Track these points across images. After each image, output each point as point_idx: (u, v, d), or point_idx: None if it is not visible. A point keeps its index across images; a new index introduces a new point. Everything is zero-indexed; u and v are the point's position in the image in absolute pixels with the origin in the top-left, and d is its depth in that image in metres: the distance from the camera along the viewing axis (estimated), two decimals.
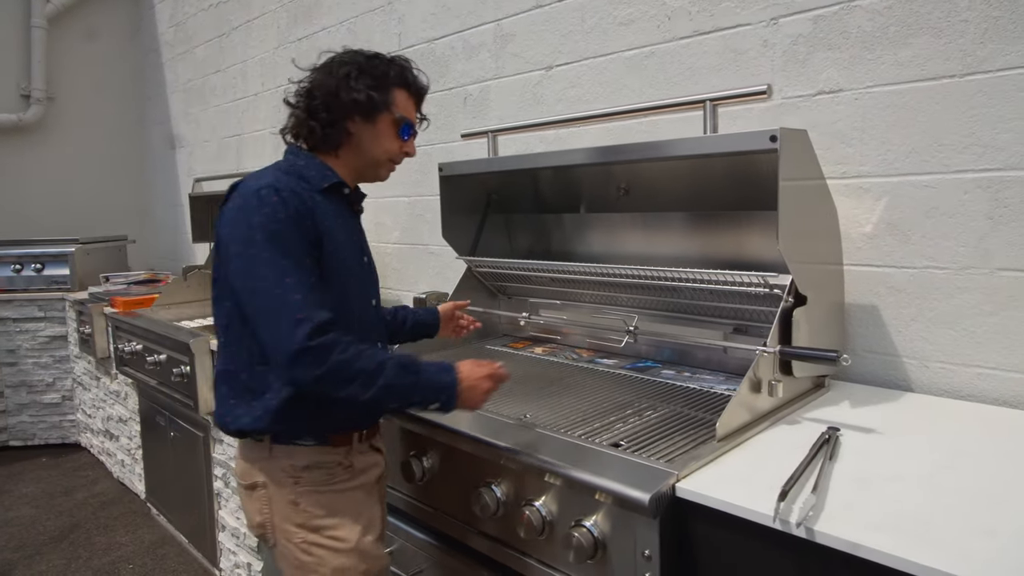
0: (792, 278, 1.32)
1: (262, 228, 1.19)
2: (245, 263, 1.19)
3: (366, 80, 1.30)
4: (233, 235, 1.22)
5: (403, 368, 1.19)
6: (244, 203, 1.22)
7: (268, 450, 1.30)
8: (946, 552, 0.81)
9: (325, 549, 1.29)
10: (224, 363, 1.33)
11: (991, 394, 1.38)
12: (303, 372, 1.14)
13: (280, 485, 1.30)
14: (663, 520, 1.03)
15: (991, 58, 1.33)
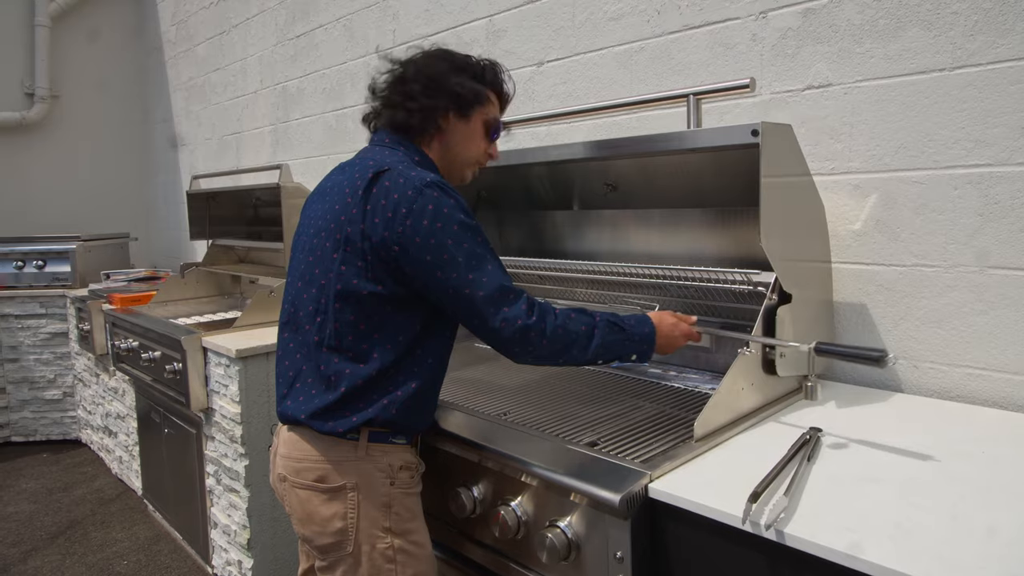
0: (776, 276, 1.30)
1: (457, 218, 1.15)
2: (451, 251, 1.14)
3: (465, 75, 1.28)
4: (416, 226, 1.13)
5: (611, 325, 1.22)
6: (425, 194, 1.15)
7: (364, 449, 1.21)
8: (913, 556, 0.79)
9: (408, 555, 1.23)
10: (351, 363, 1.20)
11: (981, 395, 1.35)
12: (533, 347, 1.15)
13: (375, 486, 1.22)
14: (635, 521, 1.01)
15: (981, 51, 1.30)
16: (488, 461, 1.23)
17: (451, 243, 1.14)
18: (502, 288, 1.15)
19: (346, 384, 1.19)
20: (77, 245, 4.07)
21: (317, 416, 1.21)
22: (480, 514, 1.26)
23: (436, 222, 1.14)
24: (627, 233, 1.81)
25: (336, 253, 1.19)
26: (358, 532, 1.21)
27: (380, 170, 1.18)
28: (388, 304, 1.18)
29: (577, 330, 1.18)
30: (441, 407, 1.43)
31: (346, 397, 1.19)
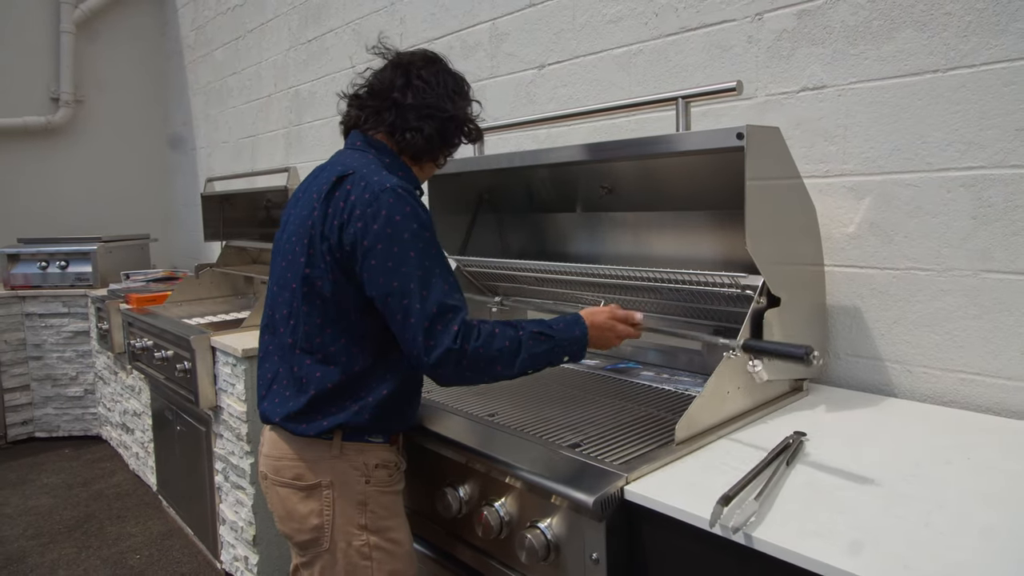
0: (763, 279, 1.29)
1: (409, 227, 1.15)
2: (396, 260, 1.14)
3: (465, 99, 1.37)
4: (367, 230, 1.15)
5: (537, 336, 1.20)
6: (382, 199, 1.16)
7: (339, 448, 1.23)
8: (878, 562, 0.78)
9: (384, 552, 1.26)
10: (320, 366, 1.22)
11: (975, 400, 1.33)
12: (455, 365, 1.14)
13: (349, 485, 1.24)
14: (611, 523, 1.02)
15: (975, 52, 1.28)
16: (473, 462, 1.24)
17: (397, 251, 1.14)
18: (440, 307, 1.13)
19: (315, 387, 1.21)
20: (98, 246, 4.17)
21: (290, 419, 1.23)
22: (466, 514, 1.27)
23: (387, 228, 1.14)
24: (624, 235, 1.81)
25: (303, 256, 1.21)
26: (334, 529, 1.23)
27: (344, 174, 1.20)
28: (351, 306, 1.20)
29: (500, 347, 1.16)
30: (430, 408, 1.45)
31: (315, 400, 1.21)
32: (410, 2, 2.67)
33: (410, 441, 1.41)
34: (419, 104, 1.27)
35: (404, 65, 1.31)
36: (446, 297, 1.14)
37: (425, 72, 1.30)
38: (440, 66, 1.36)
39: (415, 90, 1.28)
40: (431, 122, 1.28)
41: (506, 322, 1.21)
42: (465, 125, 1.35)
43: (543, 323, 1.24)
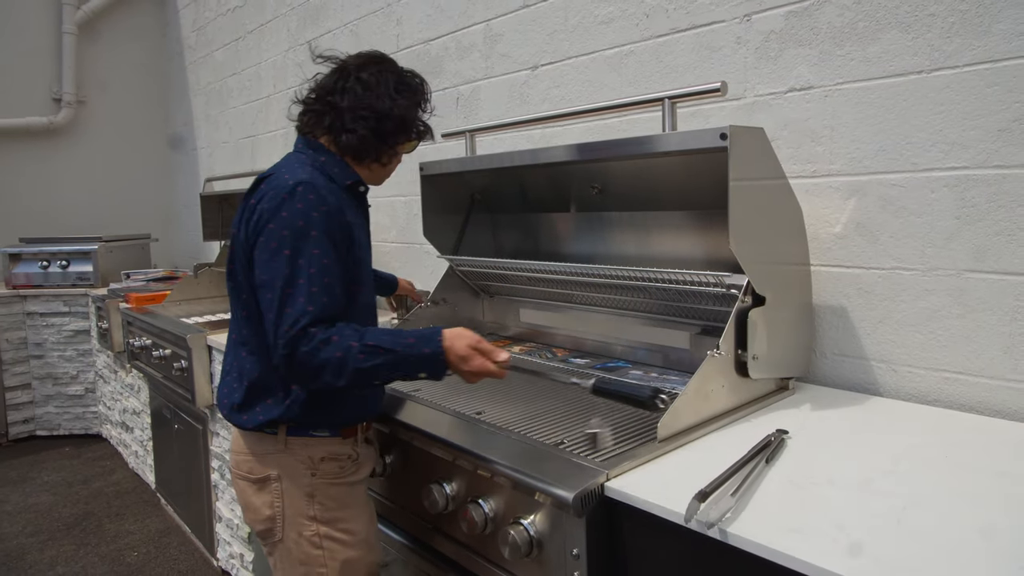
0: (748, 278, 1.30)
1: (289, 222, 1.20)
2: (270, 255, 1.20)
3: (414, 108, 1.38)
4: (262, 226, 1.21)
5: (373, 350, 1.17)
6: (278, 196, 1.22)
7: (284, 443, 1.29)
8: (850, 557, 0.79)
9: (336, 542, 1.30)
10: (251, 354, 1.30)
11: (958, 399, 1.34)
12: (287, 367, 1.17)
13: (296, 478, 1.29)
14: (591, 519, 1.03)
15: (958, 53, 1.29)
16: (459, 459, 1.25)
17: (275, 246, 1.19)
18: (293, 309, 1.16)
19: (247, 378, 1.29)
20: (99, 246, 4.20)
21: (234, 410, 1.31)
22: (452, 510, 1.28)
23: (270, 223, 1.20)
24: (615, 235, 1.82)
25: (230, 254, 1.31)
26: (285, 520, 1.30)
27: (265, 176, 1.29)
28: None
29: (328, 357, 1.15)
30: (418, 405, 1.47)
31: (250, 390, 1.29)
32: (407, 4, 2.69)
33: (396, 438, 1.42)
34: (354, 105, 1.31)
35: (344, 68, 1.36)
36: (305, 301, 1.17)
37: (365, 74, 1.33)
38: (383, 66, 1.37)
39: (351, 92, 1.31)
40: (364, 123, 1.31)
41: (357, 331, 1.19)
42: (407, 124, 1.36)
43: (392, 336, 1.21)
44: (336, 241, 1.24)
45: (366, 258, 1.37)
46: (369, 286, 1.38)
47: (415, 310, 1.98)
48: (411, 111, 1.37)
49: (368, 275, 1.38)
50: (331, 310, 1.20)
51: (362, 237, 1.36)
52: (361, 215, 1.41)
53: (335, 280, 1.22)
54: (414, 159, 2.68)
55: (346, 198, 1.33)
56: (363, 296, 1.35)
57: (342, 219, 1.26)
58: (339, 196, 1.29)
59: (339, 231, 1.25)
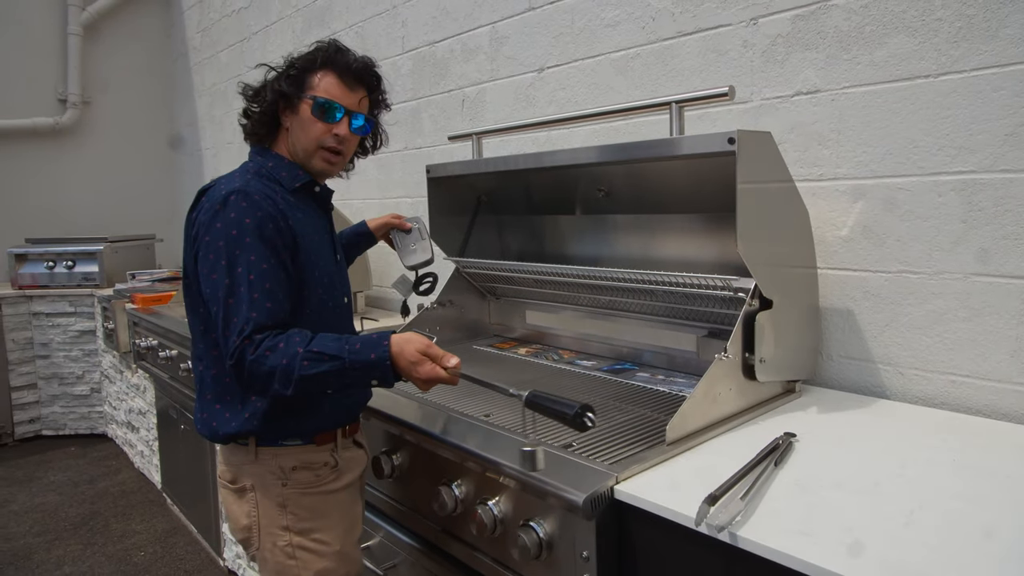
0: (755, 281, 1.31)
1: (223, 233, 1.19)
2: (209, 267, 1.19)
3: (289, 71, 1.31)
4: (200, 240, 1.22)
5: (316, 357, 1.14)
6: (212, 208, 1.22)
7: (254, 453, 1.29)
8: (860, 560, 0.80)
9: (309, 552, 1.30)
10: (208, 368, 1.31)
11: (965, 402, 1.34)
12: (238, 378, 1.17)
13: (268, 488, 1.29)
14: (600, 522, 1.04)
15: (965, 57, 1.29)
16: (468, 462, 1.26)
17: (212, 257, 1.19)
18: (238, 318, 1.16)
19: (209, 391, 1.31)
20: (105, 246, 4.22)
21: (198, 422, 1.34)
22: (461, 512, 1.29)
23: (206, 235, 1.20)
24: (621, 238, 1.83)
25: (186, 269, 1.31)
26: (260, 530, 1.30)
27: (206, 188, 1.29)
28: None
29: (275, 365, 1.13)
30: (427, 408, 1.47)
31: (212, 405, 1.30)
32: (412, 5, 2.70)
33: (405, 441, 1.43)
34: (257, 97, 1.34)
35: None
36: (247, 308, 1.16)
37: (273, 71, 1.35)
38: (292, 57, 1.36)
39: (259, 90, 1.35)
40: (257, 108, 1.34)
41: (305, 337, 1.17)
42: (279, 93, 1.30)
43: (339, 342, 1.17)
44: (276, 246, 1.21)
45: (322, 261, 1.34)
46: (329, 288, 1.35)
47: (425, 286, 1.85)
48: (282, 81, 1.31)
49: (326, 277, 1.34)
50: (277, 315, 1.18)
51: (317, 239, 1.34)
52: (318, 216, 1.39)
53: (277, 285, 1.20)
54: (420, 161, 2.69)
55: (296, 201, 1.31)
56: (319, 299, 1.32)
57: (281, 224, 1.23)
58: (284, 200, 1.28)
59: (278, 236, 1.22)
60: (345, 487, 1.36)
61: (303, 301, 1.28)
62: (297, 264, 1.26)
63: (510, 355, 1.93)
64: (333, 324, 1.35)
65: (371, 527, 1.59)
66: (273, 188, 1.28)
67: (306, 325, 1.24)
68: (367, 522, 1.60)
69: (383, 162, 2.97)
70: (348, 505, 1.37)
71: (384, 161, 2.96)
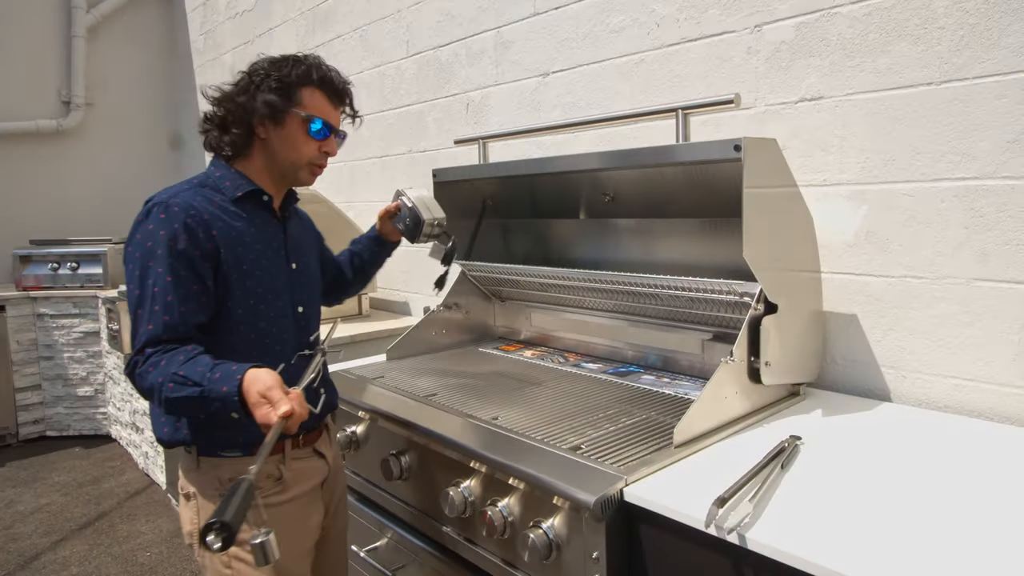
0: (760, 286, 1.33)
1: (140, 244, 1.22)
2: (127, 277, 1.24)
3: (271, 83, 1.29)
4: (125, 249, 1.27)
5: (180, 381, 1.12)
6: (136, 219, 1.26)
7: (196, 462, 1.28)
8: (868, 563, 0.82)
9: (244, 563, 1.26)
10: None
11: (968, 406, 1.36)
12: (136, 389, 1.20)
13: (208, 498, 1.27)
14: (610, 523, 1.06)
15: (967, 65, 1.31)
16: (478, 464, 1.28)
17: (128, 269, 1.23)
18: (139, 332, 1.19)
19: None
20: (108, 248, 4.23)
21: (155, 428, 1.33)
22: (470, 514, 1.31)
23: (129, 244, 1.25)
24: (626, 242, 1.85)
25: None
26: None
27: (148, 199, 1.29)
28: None
29: (151, 383, 1.15)
30: (434, 409, 1.49)
31: (154, 407, 1.29)
32: (417, 9, 2.71)
33: (413, 443, 1.44)
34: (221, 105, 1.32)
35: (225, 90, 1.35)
36: (147, 321, 1.18)
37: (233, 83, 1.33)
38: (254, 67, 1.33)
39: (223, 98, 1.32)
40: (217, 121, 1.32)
41: (184, 359, 1.15)
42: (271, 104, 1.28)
43: (205, 368, 1.13)
44: (190, 259, 1.21)
45: (262, 270, 1.32)
46: (269, 297, 1.33)
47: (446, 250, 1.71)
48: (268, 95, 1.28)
49: (266, 286, 1.32)
50: (176, 329, 1.18)
51: (260, 247, 1.32)
52: (266, 224, 1.36)
53: (181, 299, 1.19)
54: (424, 164, 2.71)
55: (238, 210, 1.31)
56: (251, 309, 1.29)
57: (200, 235, 1.23)
58: (223, 209, 1.28)
59: (194, 248, 1.21)
60: (292, 499, 1.32)
61: (227, 311, 1.27)
62: (221, 275, 1.26)
63: (516, 357, 1.95)
64: (273, 335, 1.33)
65: (379, 529, 1.61)
66: (211, 198, 1.29)
67: (236, 335, 1.27)
68: (375, 523, 1.62)
69: (387, 165, 2.99)
70: (295, 518, 1.33)
71: (388, 164, 2.98)
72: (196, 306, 1.22)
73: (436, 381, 1.71)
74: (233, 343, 1.28)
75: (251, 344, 1.30)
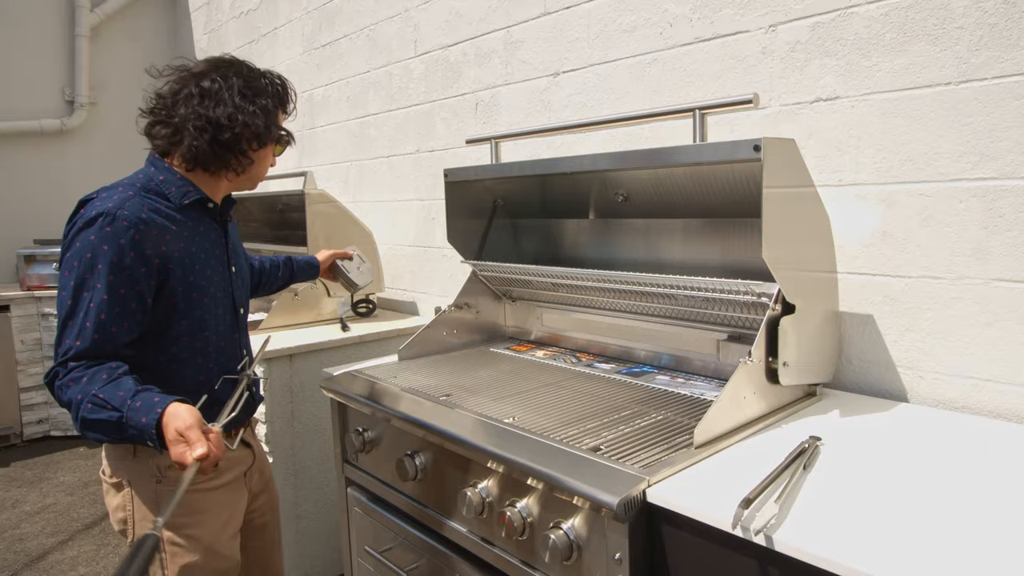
0: (779, 287, 1.33)
1: (79, 254, 1.22)
2: (62, 283, 1.25)
3: (268, 111, 1.36)
4: (62, 253, 1.27)
5: (99, 404, 1.15)
6: (79, 225, 1.25)
7: (133, 451, 1.34)
8: (897, 564, 0.82)
9: (177, 546, 1.35)
10: None
11: (986, 406, 1.36)
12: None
13: (143, 484, 1.35)
14: (633, 524, 1.06)
15: (986, 65, 1.31)
16: (494, 464, 1.28)
17: (65, 275, 1.25)
18: (64, 342, 1.21)
19: None
20: None
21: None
22: (488, 515, 1.30)
23: (68, 250, 1.25)
24: (642, 243, 1.85)
25: None
26: (134, 523, 1.36)
27: (87, 199, 1.30)
28: None
29: (70, 398, 1.18)
30: (451, 411, 1.49)
31: None
32: (425, 9, 2.71)
33: (429, 444, 1.44)
34: (190, 116, 1.31)
35: (184, 78, 1.36)
36: (75, 335, 1.21)
37: (206, 81, 1.33)
38: (228, 71, 1.35)
39: (187, 103, 1.32)
40: (202, 134, 1.31)
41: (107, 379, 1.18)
42: (254, 129, 1.34)
43: (127, 394, 1.15)
44: (134, 276, 1.23)
45: (205, 279, 1.37)
46: (212, 302, 1.38)
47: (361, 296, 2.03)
48: (259, 116, 1.35)
49: (209, 292, 1.37)
50: (103, 347, 1.21)
51: (203, 255, 1.36)
52: (208, 229, 1.40)
53: (115, 318, 1.22)
54: (432, 163, 2.71)
55: (184, 219, 1.34)
56: (197, 317, 1.35)
57: (149, 251, 1.25)
58: (168, 216, 1.31)
59: (142, 264, 1.24)
60: (223, 485, 1.43)
61: (171, 322, 1.32)
62: (167, 289, 1.30)
63: (528, 358, 1.94)
64: (214, 339, 1.40)
65: (393, 529, 1.61)
66: (157, 206, 1.31)
67: (183, 341, 1.34)
68: (389, 524, 1.62)
69: (394, 164, 2.99)
70: (225, 502, 1.43)
71: (395, 163, 2.98)
72: (130, 324, 1.25)
73: (450, 381, 1.71)
74: (176, 353, 1.34)
75: (194, 352, 1.37)
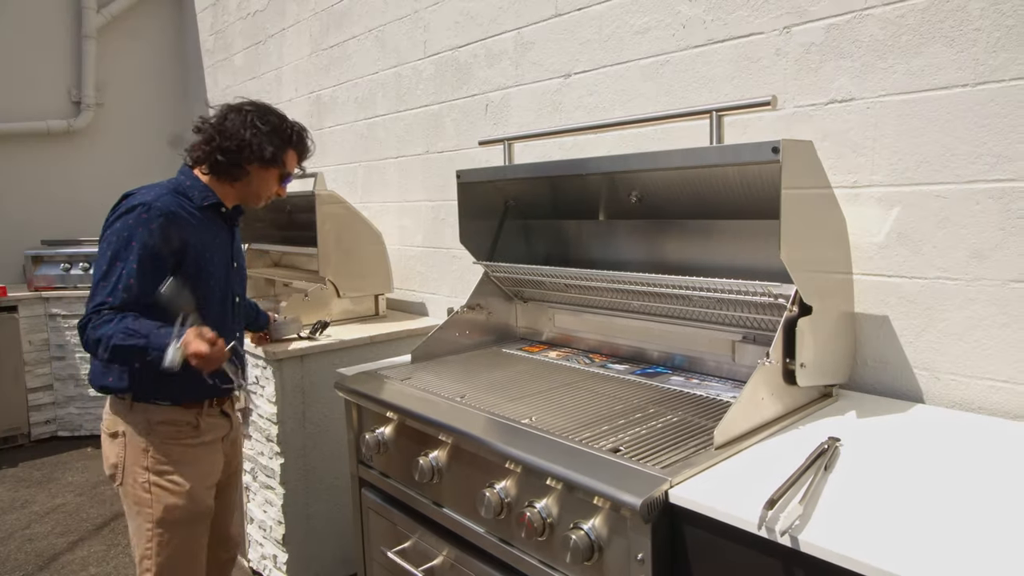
0: (796, 288, 1.33)
1: (119, 232, 1.56)
2: (100, 255, 1.58)
3: (273, 139, 1.74)
4: (103, 233, 1.60)
5: (130, 333, 1.50)
6: (120, 212, 1.60)
7: (130, 406, 1.65)
8: (923, 564, 0.82)
9: (162, 489, 1.65)
10: None
11: (1003, 407, 1.37)
12: (81, 341, 1.54)
13: (136, 434, 1.65)
14: (656, 525, 1.06)
15: (1004, 67, 1.32)
16: (512, 465, 1.28)
17: (103, 246, 1.58)
18: (100, 294, 1.53)
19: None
20: None
21: (97, 376, 1.67)
22: (507, 515, 1.31)
23: (109, 230, 1.58)
24: (654, 244, 1.85)
25: None
26: (125, 468, 1.66)
27: (129, 194, 1.64)
28: None
29: (101, 334, 1.50)
30: (467, 411, 1.49)
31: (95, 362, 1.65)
32: (434, 10, 2.71)
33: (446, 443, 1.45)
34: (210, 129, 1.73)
35: (223, 109, 1.79)
36: (109, 289, 1.53)
37: (233, 113, 1.74)
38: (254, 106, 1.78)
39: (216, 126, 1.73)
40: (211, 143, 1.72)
41: (135, 320, 1.52)
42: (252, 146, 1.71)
43: (152, 325, 1.52)
44: (158, 253, 1.57)
45: (214, 266, 1.72)
46: (217, 286, 1.73)
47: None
48: (264, 139, 1.71)
49: (215, 278, 1.72)
50: (128, 304, 1.53)
51: (213, 248, 1.72)
52: (219, 230, 1.76)
53: (139, 286, 1.55)
54: (441, 164, 2.71)
55: (202, 218, 1.71)
56: (208, 293, 1.71)
57: (174, 236, 1.60)
58: (190, 213, 1.67)
59: (164, 245, 1.58)
60: (204, 443, 1.73)
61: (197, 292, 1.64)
62: (183, 268, 1.63)
63: (541, 358, 1.95)
64: (218, 313, 1.75)
65: (409, 530, 1.61)
66: (183, 204, 1.68)
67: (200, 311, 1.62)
68: (405, 525, 1.62)
69: (403, 166, 2.99)
70: (204, 458, 1.73)
71: (404, 165, 2.99)
72: (151, 292, 1.56)
73: (464, 382, 1.71)
74: None
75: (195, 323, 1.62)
